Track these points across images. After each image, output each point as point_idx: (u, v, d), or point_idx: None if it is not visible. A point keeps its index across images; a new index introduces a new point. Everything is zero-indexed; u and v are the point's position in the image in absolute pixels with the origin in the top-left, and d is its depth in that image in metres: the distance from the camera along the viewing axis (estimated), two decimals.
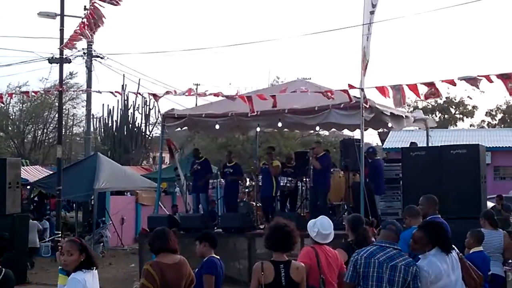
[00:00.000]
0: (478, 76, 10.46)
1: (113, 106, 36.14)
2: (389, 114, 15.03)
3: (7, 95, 24.99)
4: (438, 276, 5.78)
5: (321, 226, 6.76)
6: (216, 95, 14.73)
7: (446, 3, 13.84)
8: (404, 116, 16.17)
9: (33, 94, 22.67)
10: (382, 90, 12.43)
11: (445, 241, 5.95)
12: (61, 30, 20.64)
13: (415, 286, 5.71)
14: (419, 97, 11.62)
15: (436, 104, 58.45)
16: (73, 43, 15.00)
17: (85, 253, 5.71)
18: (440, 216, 7.82)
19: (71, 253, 5.69)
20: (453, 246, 6.20)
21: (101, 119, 36.93)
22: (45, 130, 42.72)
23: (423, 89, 11.52)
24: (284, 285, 5.94)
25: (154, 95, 15.69)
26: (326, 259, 6.69)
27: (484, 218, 9.58)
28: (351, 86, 13.09)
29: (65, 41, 18.70)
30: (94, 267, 5.79)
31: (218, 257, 7.09)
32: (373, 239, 7.07)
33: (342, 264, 6.81)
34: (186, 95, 14.84)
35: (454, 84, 10.90)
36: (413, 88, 11.73)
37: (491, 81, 10.27)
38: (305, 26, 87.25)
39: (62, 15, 21.33)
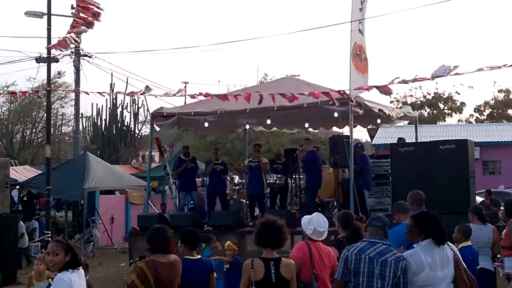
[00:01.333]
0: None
1: (102, 105, 36.15)
2: (377, 110, 15.08)
3: None
4: (419, 267, 5.80)
5: (317, 224, 6.76)
6: (206, 95, 14.32)
7: None
8: (393, 114, 16.21)
9: (21, 94, 22.57)
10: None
11: (435, 232, 5.95)
12: (48, 29, 20.53)
13: (405, 280, 5.74)
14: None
15: (424, 100, 58.71)
16: (61, 48, 14.88)
17: (71, 253, 5.69)
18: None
19: (57, 253, 5.68)
20: (452, 245, 6.19)
21: (90, 118, 36.85)
22: (33, 130, 42.60)
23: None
24: (274, 282, 5.93)
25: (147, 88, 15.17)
26: (319, 255, 6.70)
27: (472, 213, 9.62)
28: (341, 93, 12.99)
29: (52, 40, 18.64)
30: (80, 267, 5.77)
31: (197, 256, 6.80)
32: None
33: (335, 260, 6.80)
34: (178, 95, 14.47)
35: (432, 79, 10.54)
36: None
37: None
38: (294, 23, 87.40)
39: (49, 14, 21.22)
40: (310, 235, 6.77)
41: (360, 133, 50.05)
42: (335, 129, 18.99)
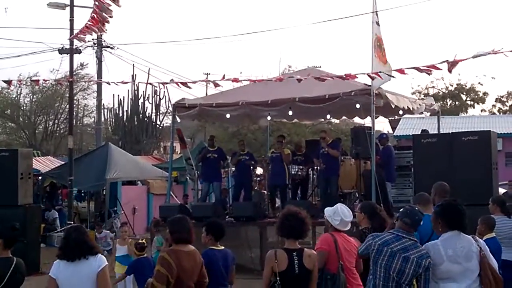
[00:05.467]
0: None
1: (124, 96, 36.21)
2: (399, 101, 15.00)
3: (17, 82, 25.12)
4: (437, 260, 5.78)
5: (342, 214, 6.76)
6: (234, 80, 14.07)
7: None
8: (415, 105, 16.12)
9: (44, 85, 22.80)
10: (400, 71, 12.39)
11: (456, 221, 5.91)
12: (71, 21, 20.71)
13: (426, 277, 5.75)
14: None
15: (447, 91, 58.25)
16: (83, 37, 14.95)
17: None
18: None
19: None
20: (480, 240, 6.12)
21: (112, 110, 37.01)
22: (56, 121, 42.95)
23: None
24: (297, 273, 5.95)
25: (184, 84, 14.96)
26: (345, 245, 6.70)
27: (495, 204, 9.49)
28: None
29: (75, 31, 18.76)
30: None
31: (221, 247, 6.94)
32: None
33: None
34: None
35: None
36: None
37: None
38: (315, 14, 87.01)
39: (71, 5, 21.41)
40: (336, 225, 6.76)
41: (382, 124, 49.75)
42: (357, 119, 18.94)
